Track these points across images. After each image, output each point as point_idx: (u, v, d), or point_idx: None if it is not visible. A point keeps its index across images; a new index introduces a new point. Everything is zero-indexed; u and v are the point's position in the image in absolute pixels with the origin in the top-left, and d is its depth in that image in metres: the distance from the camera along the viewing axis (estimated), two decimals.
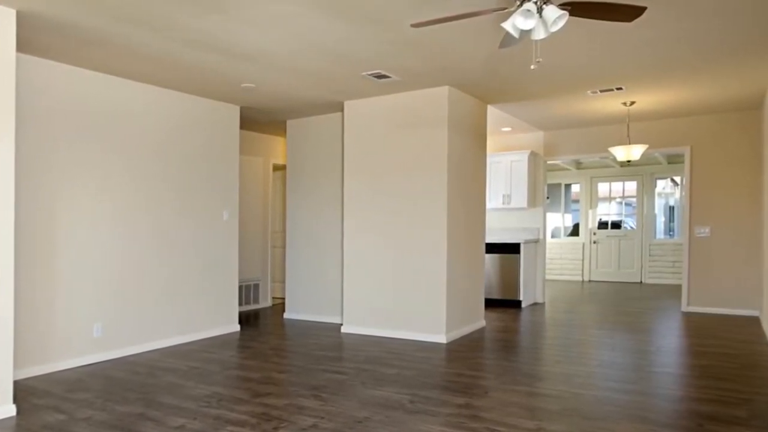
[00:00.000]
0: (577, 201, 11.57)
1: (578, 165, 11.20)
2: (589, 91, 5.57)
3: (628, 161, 6.31)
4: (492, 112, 6.58)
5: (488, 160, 8.05)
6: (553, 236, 11.68)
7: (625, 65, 4.65)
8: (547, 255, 11.46)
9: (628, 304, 7.82)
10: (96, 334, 4.60)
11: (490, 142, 8.37)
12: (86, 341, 4.54)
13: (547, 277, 11.57)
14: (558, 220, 11.71)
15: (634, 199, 10.91)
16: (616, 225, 11.12)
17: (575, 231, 11.54)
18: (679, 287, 9.74)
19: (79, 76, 4.50)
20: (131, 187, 4.89)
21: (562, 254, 11.43)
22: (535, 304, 7.82)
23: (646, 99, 5.92)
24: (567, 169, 11.35)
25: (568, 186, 11.71)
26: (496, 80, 5.11)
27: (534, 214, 8.03)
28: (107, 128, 4.70)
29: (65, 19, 3.50)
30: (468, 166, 5.69)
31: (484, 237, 6.11)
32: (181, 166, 5.35)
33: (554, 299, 8.33)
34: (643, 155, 7.50)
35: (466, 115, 5.63)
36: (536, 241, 7.94)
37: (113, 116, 4.75)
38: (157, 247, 5.10)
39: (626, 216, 11.12)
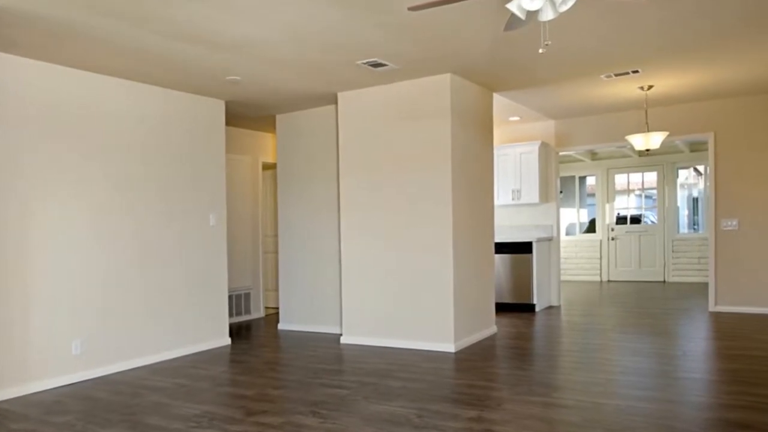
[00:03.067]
0: (592, 195, 11.58)
1: (593, 155, 11.22)
2: (602, 75, 5.57)
3: (647, 150, 6.32)
4: (498, 100, 6.58)
5: (495, 152, 8.06)
6: (567, 233, 11.69)
7: (640, 46, 4.65)
8: (562, 254, 11.48)
9: (650, 305, 7.83)
10: (75, 351, 4.61)
11: (497, 133, 8.37)
12: (65, 359, 4.54)
13: (563, 277, 11.59)
14: (573, 215, 11.73)
15: (655, 191, 10.92)
16: (636, 220, 11.14)
17: (591, 227, 11.55)
18: (705, 285, 9.75)
19: (51, 73, 4.50)
20: (110, 191, 4.90)
21: (577, 253, 11.45)
22: (550, 307, 7.83)
23: (665, 82, 5.92)
24: (581, 161, 11.37)
25: (582, 178, 11.72)
26: (502, 66, 5.11)
27: (546, 210, 8.04)
28: (82, 128, 4.71)
29: (34, 12, 3.50)
30: (474, 159, 5.70)
31: (493, 236, 6.12)
32: (162, 167, 5.35)
33: (571, 302, 8.34)
34: (663, 143, 7.50)
35: (470, 104, 5.64)
36: (550, 239, 7.95)
37: (88, 115, 4.75)
38: (139, 255, 5.11)
39: (646, 210, 11.13)
